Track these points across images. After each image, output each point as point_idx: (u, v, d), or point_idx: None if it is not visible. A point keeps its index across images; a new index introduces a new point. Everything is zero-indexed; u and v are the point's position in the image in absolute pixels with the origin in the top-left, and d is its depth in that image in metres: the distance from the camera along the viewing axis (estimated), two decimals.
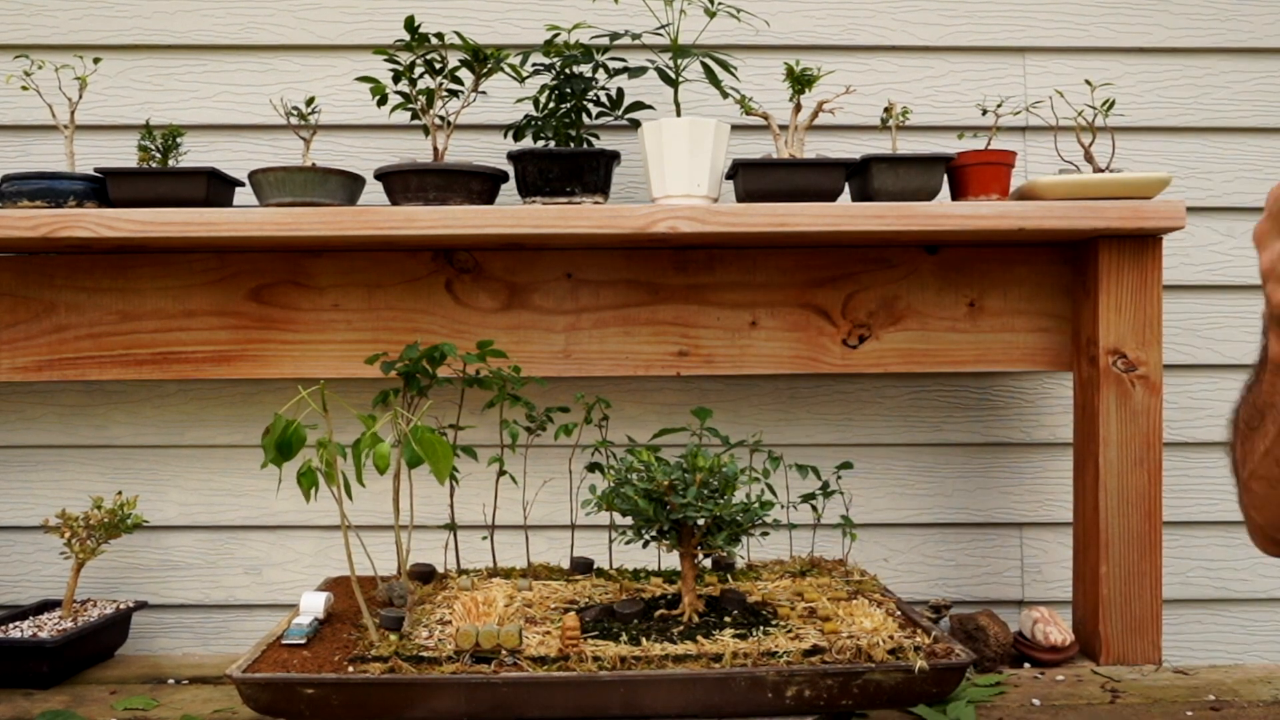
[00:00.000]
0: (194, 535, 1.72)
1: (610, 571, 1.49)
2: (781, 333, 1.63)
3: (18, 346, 1.61)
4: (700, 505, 1.17)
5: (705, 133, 1.44)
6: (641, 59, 1.55)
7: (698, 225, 1.42)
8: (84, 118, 1.59)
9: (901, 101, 1.58)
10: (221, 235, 1.43)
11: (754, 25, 1.66)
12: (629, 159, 1.65)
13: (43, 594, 1.69)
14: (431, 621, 1.25)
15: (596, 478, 1.42)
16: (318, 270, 1.62)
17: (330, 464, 1.12)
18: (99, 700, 1.37)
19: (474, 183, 1.47)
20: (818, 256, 1.63)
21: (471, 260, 1.62)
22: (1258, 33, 1.73)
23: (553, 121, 1.53)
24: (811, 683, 1.11)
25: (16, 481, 1.71)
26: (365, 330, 1.62)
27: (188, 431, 1.71)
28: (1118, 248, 1.51)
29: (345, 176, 1.50)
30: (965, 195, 1.51)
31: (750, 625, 1.22)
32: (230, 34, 1.70)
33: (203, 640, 1.72)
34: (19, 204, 1.45)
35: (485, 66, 1.49)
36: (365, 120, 1.67)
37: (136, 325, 1.61)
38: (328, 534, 1.71)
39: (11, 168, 1.60)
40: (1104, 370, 1.51)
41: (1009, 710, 1.29)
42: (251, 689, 1.11)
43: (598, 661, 1.11)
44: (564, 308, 1.63)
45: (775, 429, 1.71)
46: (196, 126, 1.67)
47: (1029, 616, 1.53)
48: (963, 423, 1.74)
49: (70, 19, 1.69)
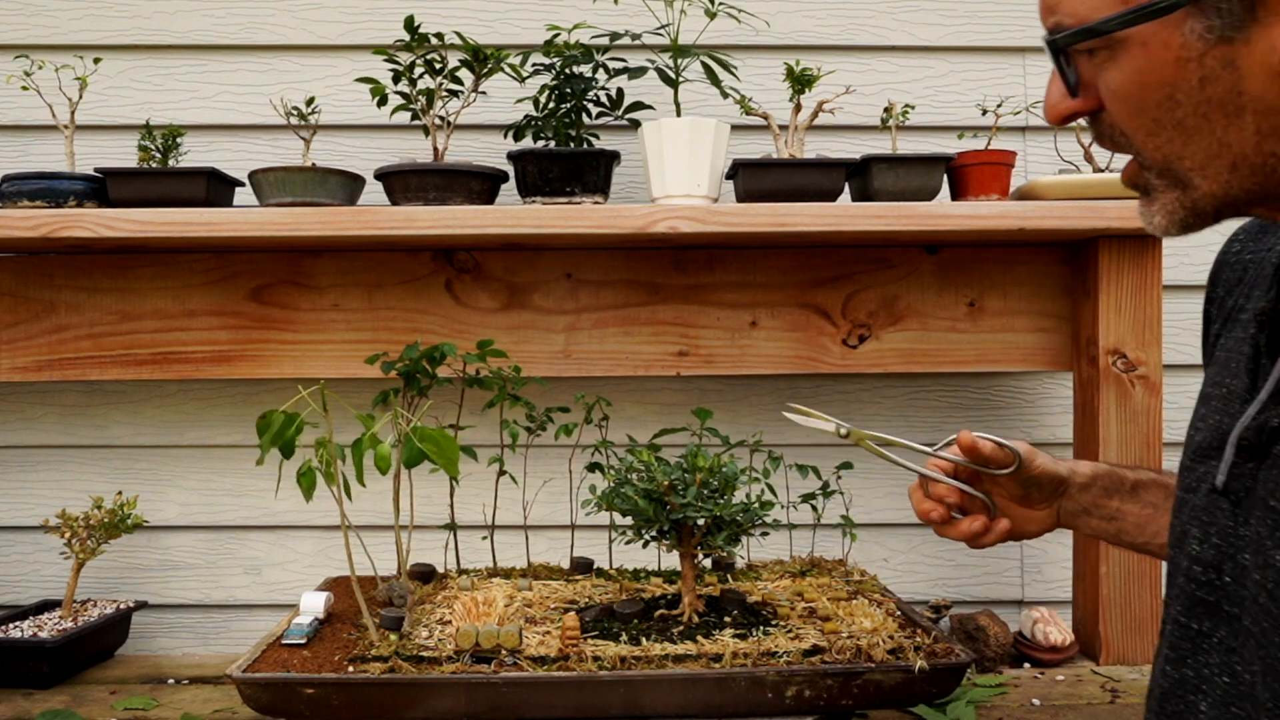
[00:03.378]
0: (194, 535, 1.72)
1: (610, 571, 1.49)
2: (781, 333, 1.63)
3: (18, 346, 1.61)
4: (700, 505, 1.17)
5: (705, 133, 1.44)
6: (641, 59, 1.55)
7: (698, 225, 1.42)
8: (84, 118, 1.59)
9: (901, 101, 1.58)
10: (221, 235, 1.43)
11: (754, 25, 1.66)
12: (629, 159, 1.65)
13: (43, 594, 1.69)
14: (431, 621, 1.25)
15: (596, 478, 1.42)
16: (318, 270, 1.62)
17: (330, 464, 1.12)
18: (99, 700, 1.37)
19: (474, 183, 1.47)
20: (818, 256, 1.62)
21: (471, 260, 1.62)
22: None
23: (553, 121, 1.53)
24: (811, 683, 1.11)
25: (16, 481, 1.71)
26: (365, 330, 1.62)
27: (188, 431, 1.71)
28: (1118, 248, 1.51)
29: (345, 176, 1.50)
30: (965, 195, 1.51)
31: (750, 625, 1.22)
32: (230, 34, 1.70)
33: (203, 640, 1.72)
34: (19, 204, 1.45)
35: (485, 66, 1.49)
36: (365, 120, 1.67)
37: (136, 325, 1.61)
38: (328, 534, 1.71)
39: (11, 168, 1.60)
40: (1104, 370, 1.51)
41: (1009, 710, 1.29)
42: (251, 689, 1.11)
43: (598, 661, 1.11)
44: (564, 308, 1.63)
45: (775, 429, 1.71)
46: (196, 126, 1.67)
47: (1029, 616, 1.53)
48: (963, 423, 1.74)
49: (70, 19, 1.69)
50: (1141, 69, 0.63)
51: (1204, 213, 0.67)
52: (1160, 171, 0.67)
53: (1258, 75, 0.60)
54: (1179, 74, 0.62)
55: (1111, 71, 0.65)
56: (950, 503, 0.96)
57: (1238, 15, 0.59)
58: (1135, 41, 0.62)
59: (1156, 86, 0.63)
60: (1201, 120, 0.63)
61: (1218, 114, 0.62)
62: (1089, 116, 0.70)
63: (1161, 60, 0.62)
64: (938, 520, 0.96)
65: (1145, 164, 0.68)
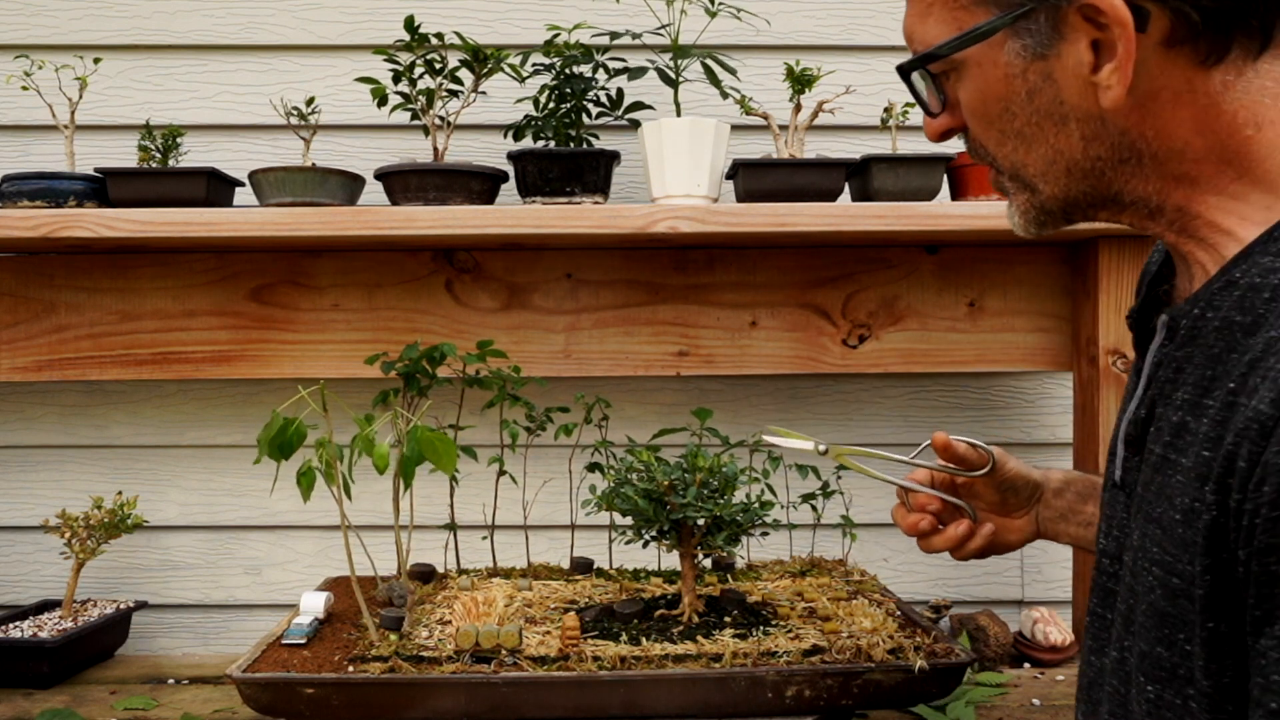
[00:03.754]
0: (194, 535, 1.72)
1: (610, 571, 1.49)
2: (781, 333, 1.63)
3: (18, 346, 1.61)
4: (700, 505, 1.16)
5: (705, 133, 1.44)
6: (641, 59, 1.55)
7: (698, 225, 1.42)
8: (84, 118, 1.59)
9: (901, 101, 1.58)
10: (221, 235, 1.43)
11: (754, 25, 1.66)
12: (629, 159, 1.65)
13: (43, 594, 1.69)
14: (431, 621, 1.25)
15: (596, 478, 1.42)
16: (318, 270, 1.62)
17: (330, 464, 1.12)
18: (99, 700, 1.37)
19: (474, 183, 1.47)
20: (818, 256, 1.62)
21: (471, 260, 1.62)
22: None
23: (553, 121, 1.53)
24: (811, 683, 1.11)
25: (16, 481, 1.71)
26: (365, 330, 1.62)
27: (188, 431, 1.71)
28: (1118, 247, 1.51)
29: (345, 176, 1.50)
30: (965, 195, 1.51)
31: (750, 625, 1.22)
32: (230, 34, 1.70)
33: (203, 640, 1.72)
34: (19, 204, 1.45)
35: (485, 66, 1.49)
36: (365, 120, 1.67)
37: (136, 325, 1.61)
38: (328, 534, 1.71)
39: (11, 168, 1.60)
40: (1104, 370, 1.51)
41: (1009, 710, 1.29)
42: (251, 689, 1.11)
43: (597, 661, 1.11)
44: (564, 308, 1.63)
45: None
46: (196, 126, 1.67)
47: (1029, 616, 1.53)
48: (963, 423, 1.74)
49: (70, 19, 1.69)
50: (980, 86, 0.71)
51: (1053, 213, 0.75)
52: (1011, 177, 0.75)
53: (1072, 86, 0.66)
54: (1009, 88, 0.69)
55: (961, 91, 0.73)
56: (933, 510, 0.98)
57: (1047, 34, 0.65)
58: (972, 62, 0.70)
59: (995, 100, 0.70)
60: (1036, 129, 0.70)
61: (1048, 123, 0.69)
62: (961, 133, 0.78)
63: (994, 77, 0.69)
64: (928, 529, 0.98)
65: (1000, 170, 0.76)
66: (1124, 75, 0.63)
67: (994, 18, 0.67)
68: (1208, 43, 0.62)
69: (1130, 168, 0.69)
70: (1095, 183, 0.70)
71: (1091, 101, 0.66)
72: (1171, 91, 0.65)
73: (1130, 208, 0.71)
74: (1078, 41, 0.64)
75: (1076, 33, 0.64)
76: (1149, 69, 0.64)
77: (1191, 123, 0.65)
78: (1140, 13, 0.62)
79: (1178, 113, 0.65)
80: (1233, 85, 0.64)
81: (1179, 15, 0.61)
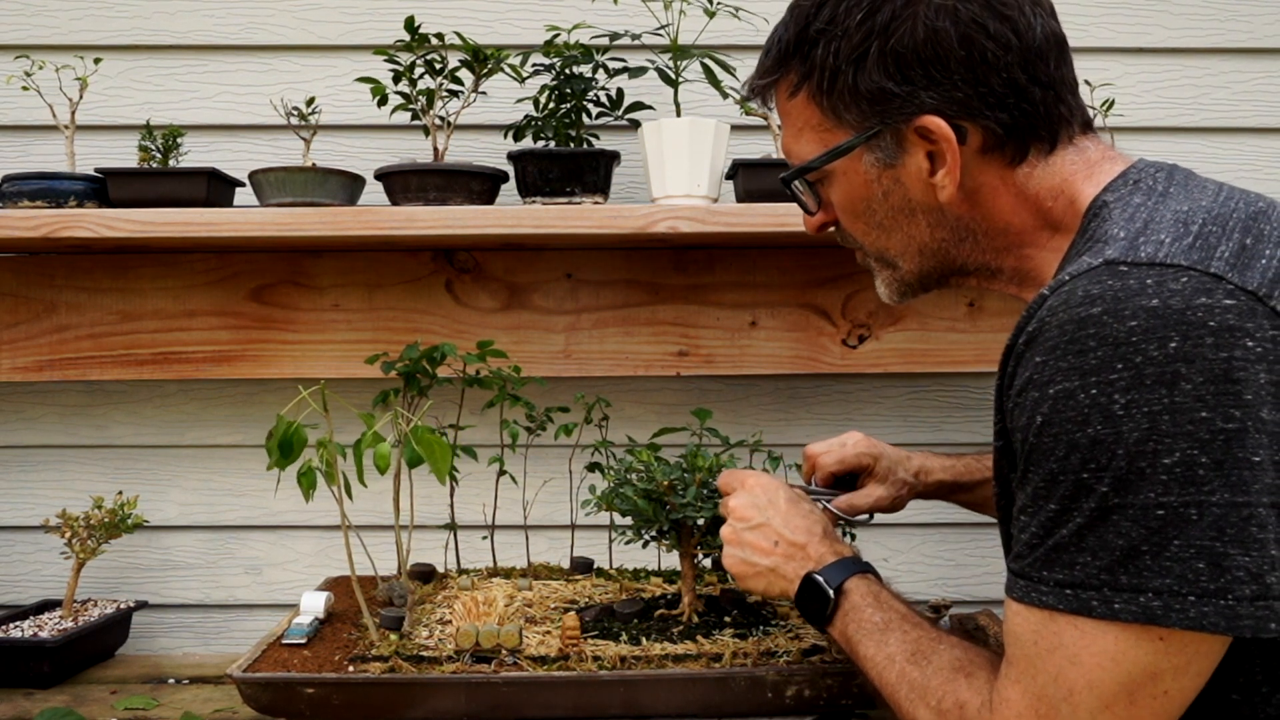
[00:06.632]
0: (194, 535, 1.72)
1: (610, 571, 1.49)
2: (781, 333, 1.63)
3: (18, 346, 1.61)
4: (700, 505, 1.17)
5: (705, 133, 1.44)
6: (641, 59, 1.55)
7: (698, 225, 1.42)
8: (84, 118, 1.59)
9: None
10: (222, 235, 1.43)
11: (754, 25, 1.66)
12: (629, 159, 1.65)
13: (43, 594, 1.69)
14: (431, 621, 1.25)
15: (596, 478, 1.42)
16: (318, 270, 1.62)
17: (330, 464, 1.12)
18: (99, 700, 1.37)
19: (474, 183, 1.48)
20: (818, 256, 1.63)
21: (471, 260, 1.62)
22: (1257, 33, 1.73)
23: (553, 122, 1.53)
24: (811, 682, 1.11)
25: (16, 481, 1.71)
26: (365, 330, 1.62)
27: (188, 431, 1.71)
28: None
29: (345, 176, 1.50)
30: None
31: (750, 625, 1.22)
32: (230, 34, 1.70)
33: (203, 640, 1.72)
34: (19, 204, 1.45)
35: (485, 67, 1.49)
36: (365, 120, 1.67)
37: (137, 325, 1.61)
38: (328, 534, 1.71)
39: (12, 168, 1.60)
40: None
41: None
42: (252, 688, 1.11)
43: (598, 661, 1.11)
44: (564, 308, 1.63)
45: (775, 429, 1.71)
46: (197, 126, 1.67)
47: None
48: (962, 423, 1.74)
49: (70, 19, 1.69)
50: (846, 190, 0.90)
51: (912, 285, 0.94)
52: (876, 258, 0.95)
53: (916, 186, 0.86)
54: (869, 191, 0.89)
55: (832, 193, 0.92)
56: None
57: (893, 149, 0.85)
58: (839, 172, 0.90)
59: (859, 200, 0.90)
60: (892, 220, 0.89)
61: (901, 216, 0.89)
62: (835, 226, 0.96)
63: (856, 182, 0.89)
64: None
65: (867, 253, 0.96)
66: (954, 177, 0.83)
67: (852, 138, 0.86)
68: (1012, 149, 0.83)
69: (969, 244, 0.89)
70: (942, 259, 0.91)
71: (932, 197, 0.86)
72: (990, 186, 0.85)
73: (975, 273, 0.92)
74: (916, 153, 0.84)
75: (915, 147, 0.84)
76: (971, 171, 0.84)
77: (1009, 205, 0.86)
78: (960, 130, 0.82)
79: (997, 200, 0.86)
80: (1033, 175, 0.84)
81: (988, 131, 0.82)
